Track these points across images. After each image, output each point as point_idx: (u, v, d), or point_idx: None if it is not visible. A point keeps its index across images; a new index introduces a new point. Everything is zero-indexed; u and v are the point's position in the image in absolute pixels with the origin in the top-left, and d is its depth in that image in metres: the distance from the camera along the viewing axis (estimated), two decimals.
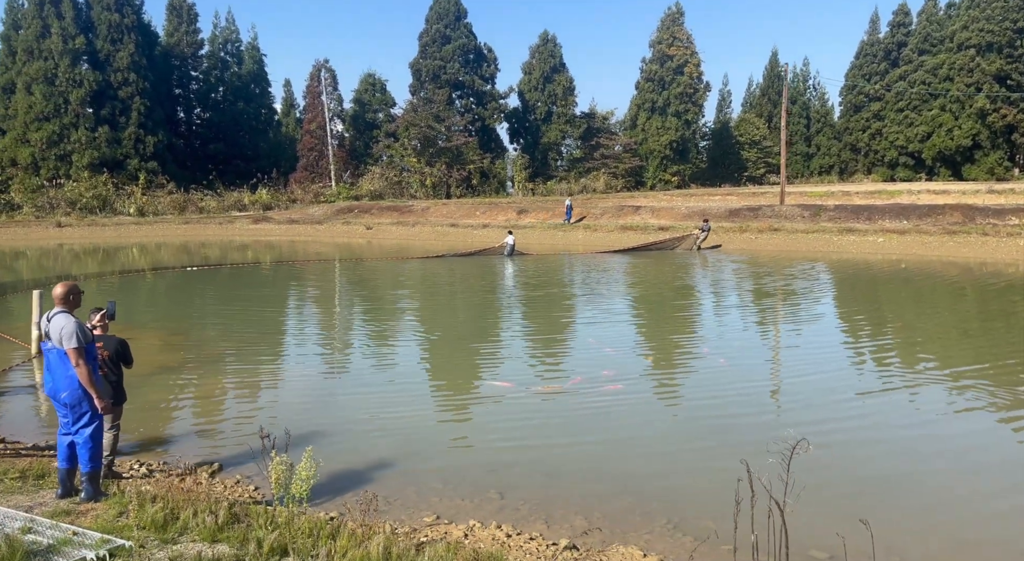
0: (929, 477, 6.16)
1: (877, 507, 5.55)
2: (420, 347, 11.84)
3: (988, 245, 22.49)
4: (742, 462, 3.29)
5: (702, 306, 15.91)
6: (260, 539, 3.94)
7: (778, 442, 3.80)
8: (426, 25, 52.26)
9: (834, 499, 5.70)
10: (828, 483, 5.99)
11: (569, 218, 35.14)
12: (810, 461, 6.51)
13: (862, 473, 6.25)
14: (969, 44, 46.85)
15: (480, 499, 5.86)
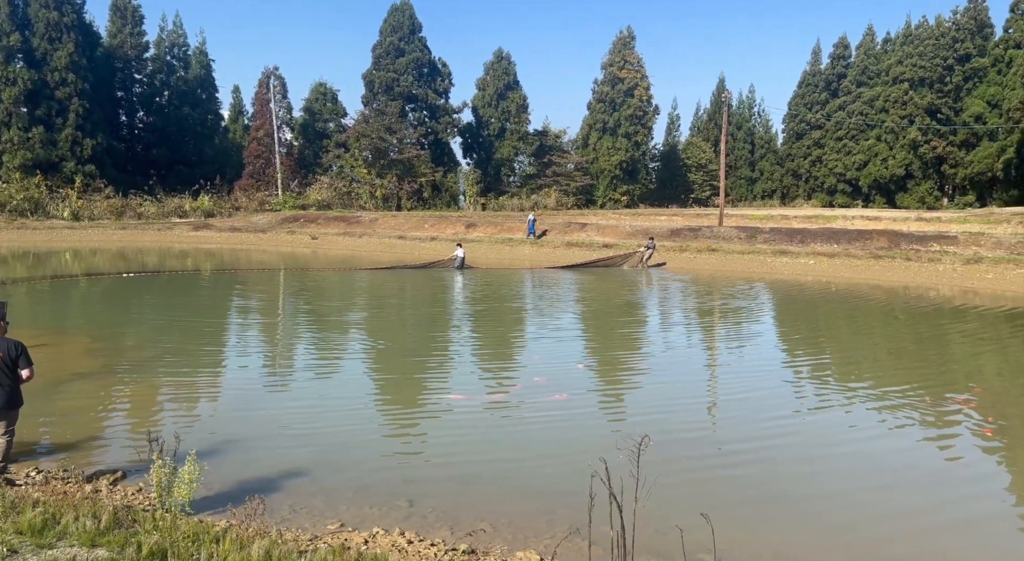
0: (854, 494, 6.31)
1: (785, 520, 5.75)
2: (362, 359, 11.72)
3: (911, 269, 23.54)
4: (601, 460, 3.39)
5: (646, 322, 16.18)
6: (140, 543, 3.85)
7: (627, 438, 3.92)
8: (380, 37, 52.25)
9: (742, 509, 5.87)
10: (744, 495, 6.17)
11: (532, 233, 35.29)
12: (730, 476, 6.74)
13: (784, 487, 6.45)
14: (903, 78, 49.16)
15: (388, 507, 5.85)
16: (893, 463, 6.98)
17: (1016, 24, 44.77)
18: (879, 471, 6.74)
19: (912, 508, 5.92)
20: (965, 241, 25.32)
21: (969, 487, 6.45)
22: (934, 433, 7.89)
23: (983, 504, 6.06)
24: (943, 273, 22.74)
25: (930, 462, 7.06)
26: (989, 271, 21.96)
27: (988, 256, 23.24)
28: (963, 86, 47.54)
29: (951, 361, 12.04)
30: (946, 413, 8.60)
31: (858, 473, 6.69)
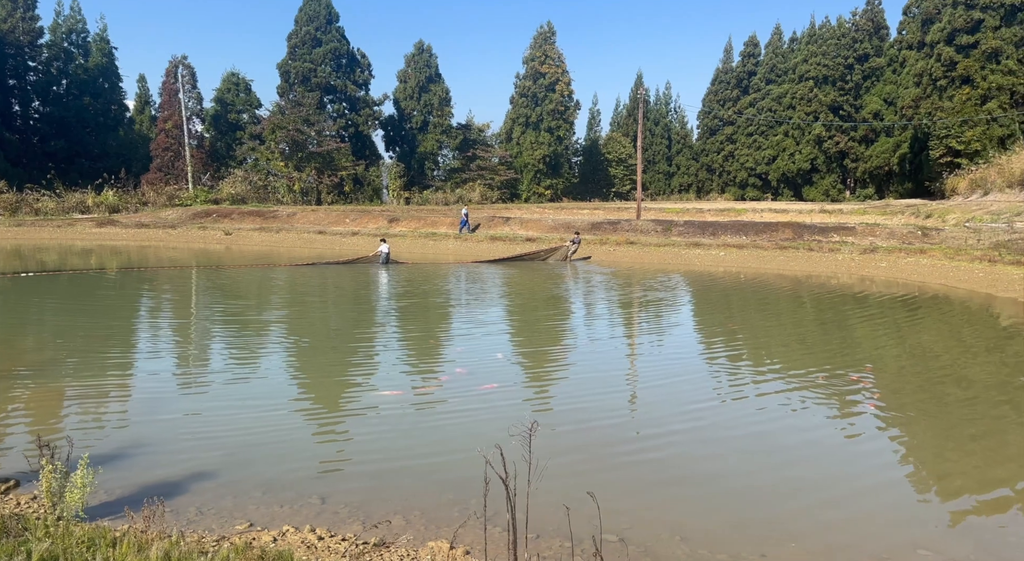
0: (756, 472, 6.64)
1: (695, 502, 6.04)
2: (283, 359, 11.38)
3: (813, 259, 24.89)
4: (497, 447, 3.51)
5: (571, 315, 16.43)
6: (30, 551, 3.72)
7: (517, 424, 4.09)
8: (295, 26, 50.86)
9: (653, 490, 6.13)
10: (656, 477, 6.43)
11: (466, 227, 35.16)
12: (645, 459, 6.99)
13: (691, 469, 6.74)
14: (808, 76, 51.67)
15: (300, 505, 5.81)
16: (792, 441, 7.39)
17: (908, 26, 47.73)
18: (779, 449, 7.14)
19: (806, 482, 6.29)
20: (862, 232, 26.98)
21: (862, 460, 6.90)
22: (831, 412, 8.38)
23: (873, 476, 6.49)
24: (842, 262, 24.15)
25: (826, 439, 7.49)
26: (883, 260, 23.48)
27: (882, 246, 24.85)
28: (862, 84, 50.45)
29: (851, 344, 12.82)
30: (843, 392, 9.14)
31: (760, 452, 7.05)
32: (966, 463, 6.81)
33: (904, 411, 8.61)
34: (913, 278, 21.35)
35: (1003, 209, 26.89)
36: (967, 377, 10.14)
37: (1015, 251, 21.18)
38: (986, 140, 36.88)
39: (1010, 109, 36.72)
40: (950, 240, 24.87)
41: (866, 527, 5.37)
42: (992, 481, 6.30)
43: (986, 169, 35.12)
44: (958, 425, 7.97)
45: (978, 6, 36.76)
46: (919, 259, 22.63)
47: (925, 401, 8.99)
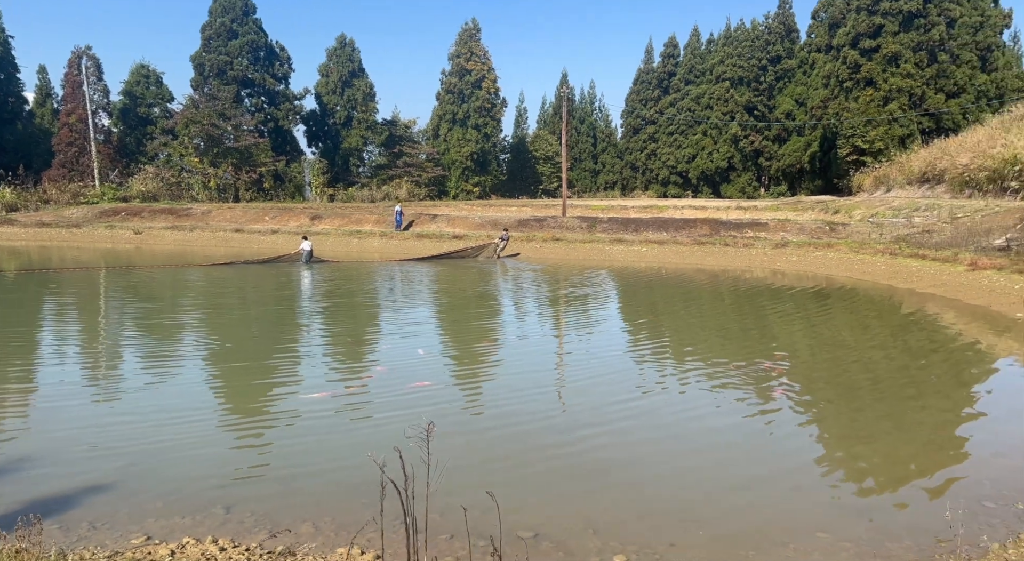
0: (671, 461, 6.78)
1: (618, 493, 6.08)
2: (199, 364, 10.79)
3: (728, 254, 25.76)
4: (396, 449, 3.43)
5: (501, 312, 16.36)
6: None
7: (415, 428, 4.04)
8: (210, 17, 48.85)
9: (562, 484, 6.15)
10: (576, 475, 6.44)
11: (400, 224, 34.51)
12: (568, 457, 6.99)
13: (611, 465, 6.78)
14: (724, 77, 53.36)
15: (203, 515, 5.55)
16: (706, 431, 7.56)
17: (816, 30, 49.94)
18: (693, 440, 7.30)
19: (716, 470, 6.44)
20: (774, 227, 28.10)
21: (771, 446, 7.14)
22: (745, 401, 8.59)
23: (781, 461, 6.72)
24: (755, 257, 25.09)
25: (738, 427, 7.65)
26: (793, 254, 24.53)
27: (793, 240, 25.95)
28: (775, 85, 52.48)
29: (765, 334, 13.30)
30: (757, 381, 9.42)
31: (674, 443, 7.20)
32: (870, 446, 7.13)
33: (814, 397, 8.98)
34: (821, 271, 22.37)
35: (903, 205, 28.51)
36: (873, 363, 10.68)
37: (913, 244, 22.49)
38: (888, 139, 39.02)
39: (909, 110, 38.98)
40: (855, 235, 26.20)
41: (771, 512, 5.55)
42: (892, 463, 6.62)
43: (888, 167, 37.17)
44: (864, 409, 8.36)
45: (879, 12, 38.83)
46: (827, 253, 23.74)
47: (834, 387, 9.42)
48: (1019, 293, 15.16)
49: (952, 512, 5.23)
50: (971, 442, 7.12)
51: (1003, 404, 8.63)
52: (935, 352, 11.45)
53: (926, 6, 38.08)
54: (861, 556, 4.70)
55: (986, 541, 4.76)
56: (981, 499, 5.54)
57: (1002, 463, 6.43)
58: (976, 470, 6.28)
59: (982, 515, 5.24)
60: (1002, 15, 39.69)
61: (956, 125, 37.73)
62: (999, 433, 7.38)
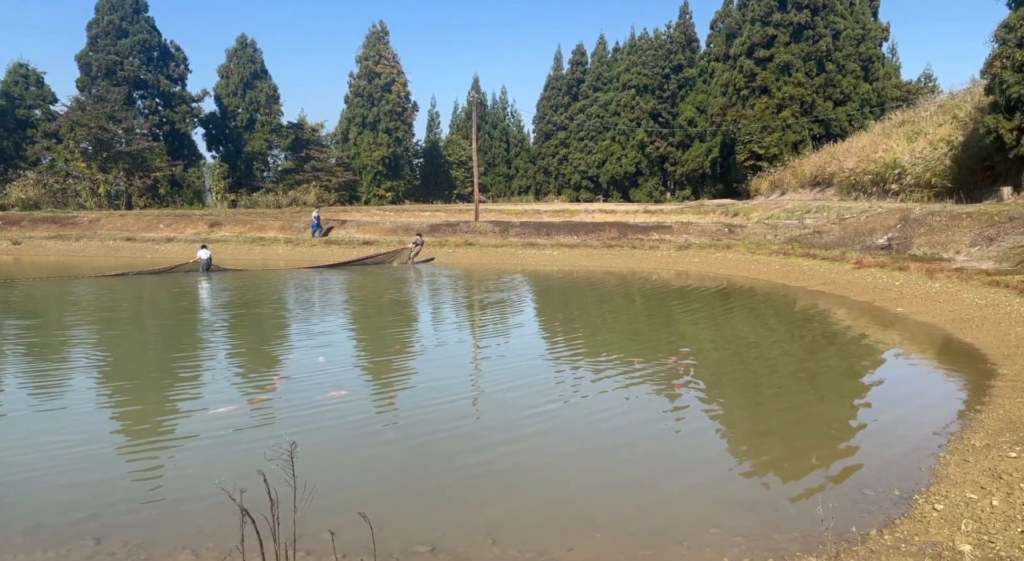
0: (568, 460, 6.75)
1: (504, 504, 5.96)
2: (84, 383, 9.84)
3: (636, 256, 26.42)
4: (259, 472, 3.20)
5: (416, 319, 16.00)
6: None
7: (275, 448, 3.83)
8: (96, 15, 46.01)
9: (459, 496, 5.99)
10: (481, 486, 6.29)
11: (318, 231, 33.25)
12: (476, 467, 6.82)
13: (516, 474, 6.67)
14: (630, 85, 54.87)
15: (68, 549, 5.06)
16: (610, 432, 7.55)
17: (715, 40, 52.17)
18: (596, 442, 7.27)
19: (616, 472, 6.45)
20: (678, 230, 29.04)
21: (671, 444, 7.22)
22: (650, 401, 8.68)
23: (680, 459, 6.81)
24: (661, 258, 25.83)
25: (642, 427, 7.71)
26: (695, 255, 25.41)
27: (695, 242, 26.89)
28: (678, 93, 54.40)
29: (672, 333, 13.63)
30: (664, 380, 9.56)
31: (578, 447, 7.15)
32: (767, 439, 7.35)
33: (718, 394, 9.22)
34: (722, 271, 23.25)
35: (796, 207, 30.08)
36: (772, 359, 11.10)
37: (805, 244, 23.72)
38: (782, 145, 41.14)
39: (800, 117, 41.23)
40: (752, 236, 27.41)
41: (669, 510, 5.59)
42: (787, 455, 6.83)
43: (783, 171, 39.19)
44: (763, 403, 8.64)
45: (772, 23, 40.90)
46: (726, 254, 24.72)
47: (736, 383, 9.71)
48: (899, 289, 16.20)
49: (837, 501, 5.43)
50: (860, 432, 7.45)
51: (889, 394, 9.12)
52: (828, 346, 12.02)
53: (814, 18, 40.40)
54: (751, 549, 4.78)
55: (865, 528, 4.95)
56: (863, 487, 5.78)
57: (886, 451, 6.75)
58: (862, 459, 6.56)
59: (862, 503, 5.46)
60: (880, 28, 42.64)
61: (843, 131, 40.21)
62: (885, 422, 7.76)
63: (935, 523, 4.91)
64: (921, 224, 20.78)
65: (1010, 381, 8.74)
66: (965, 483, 5.56)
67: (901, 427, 7.58)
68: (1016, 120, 22.06)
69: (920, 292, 15.45)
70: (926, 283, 15.92)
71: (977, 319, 12.52)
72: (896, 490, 5.66)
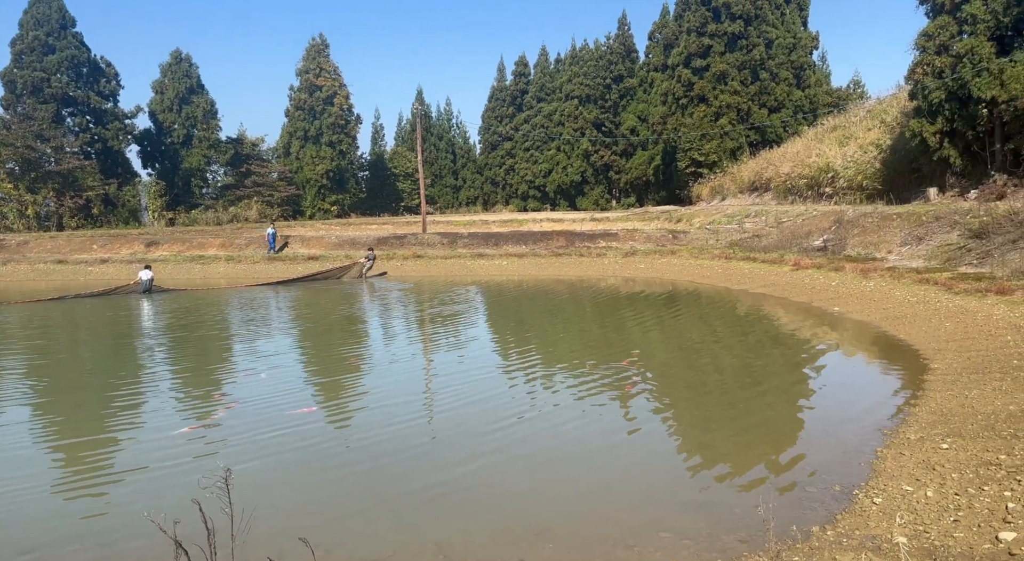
0: (529, 474, 6.72)
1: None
2: (13, 417, 9.36)
3: (583, 264, 26.73)
4: (195, 501, 3.10)
5: (368, 336, 15.70)
6: None
7: (209, 475, 3.73)
8: (21, 31, 44.31)
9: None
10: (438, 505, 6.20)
11: (273, 247, 32.39)
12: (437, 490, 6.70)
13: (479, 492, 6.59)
14: (573, 95, 55.60)
15: None
16: (560, 440, 7.54)
17: (654, 50, 53.31)
18: (546, 451, 7.27)
19: (568, 479, 6.46)
20: (624, 237, 29.49)
21: (620, 449, 7.24)
22: (601, 407, 8.72)
23: (629, 464, 6.85)
24: (608, 265, 26.17)
25: (592, 434, 7.73)
26: (641, 261, 25.84)
27: (641, 249, 27.35)
28: (619, 102, 55.36)
29: (621, 338, 13.72)
30: (613, 386, 9.62)
31: (527, 457, 7.12)
32: (715, 441, 7.46)
33: (668, 398, 9.35)
34: (667, 276, 23.68)
35: (736, 212, 30.90)
36: (718, 360, 11.31)
37: (745, 248, 24.37)
38: (721, 152, 42.25)
39: (737, 124, 42.44)
40: (695, 241, 28.03)
41: (619, 516, 5.62)
42: (734, 456, 6.93)
43: (722, 177, 40.23)
44: (710, 405, 8.79)
45: (707, 33, 42.06)
46: (671, 259, 25.21)
47: (685, 386, 9.87)
48: (835, 289, 16.77)
49: (781, 499, 5.55)
50: (803, 430, 7.65)
51: (829, 392, 9.40)
52: (770, 347, 12.34)
53: (747, 28, 41.72)
54: (699, 552, 4.84)
55: (808, 525, 5.08)
56: (806, 485, 5.93)
57: (827, 448, 6.94)
58: (805, 456, 6.73)
59: (805, 500, 5.60)
60: (810, 37, 44.27)
61: (779, 137, 41.54)
62: (826, 419, 7.99)
63: (874, 517, 5.06)
64: (854, 225, 21.58)
65: (940, 374, 9.12)
66: (901, 476, 5.75)
67: (841, 424, 7.81)
68: (938, 124, 23.17)
69: (855, 291, 16.03)
70: (861, 282, 16.52)
71: (909, 316, 13.04)
72: (837, 486, 5.82)
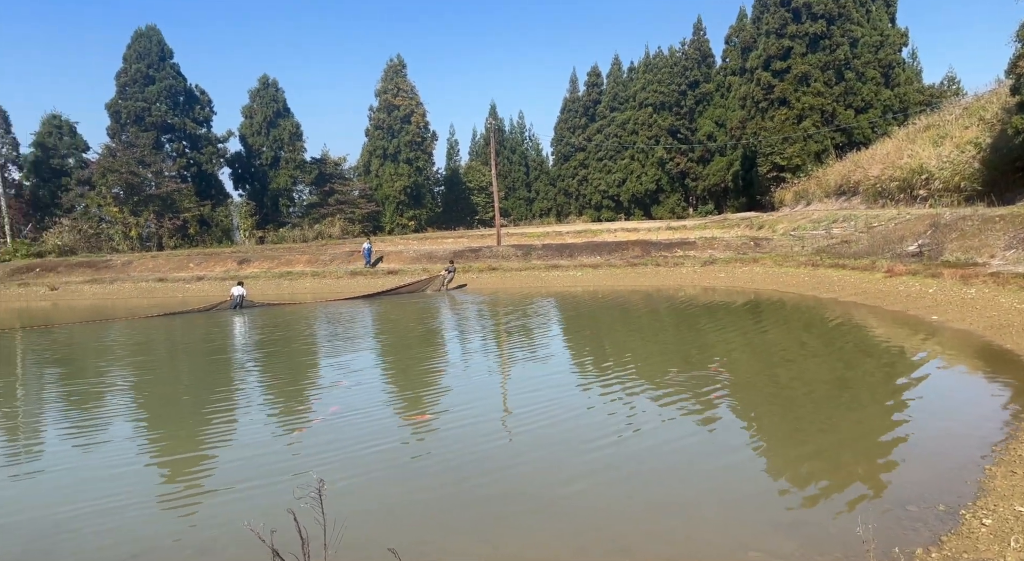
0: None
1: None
2: (120, 428, 9.80)
3: (660, 273, 26.23)
4: (289, 511, 3.19)
5: (449, 352, 15.42)
6: None
7: (303, 486, 3.81)
8: (124, 64, 47.57)
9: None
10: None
11: (369, 261, 33.56)
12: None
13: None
14: (647, 103, 54.97)
15: None
16: (642, 452, 7.41)
17: (731, 54, 52.21)
18: (629, 463, 7.13)
19: (648, 493, 6.32)
20: (702, 245, 28.81)
21: (705, 462, 7.03)
22: (684, 419, 8.53)
23: (714, 478, 6.63)
24: (686, 275, 25.61)
25: (674, 446, 7.54)
26: (721, 270, 25.15)
27: (720, 257, 26.63)
28: (695, 109, 54.33)
29: (703, 350, 13.38)
30: (696, 398, 9.38)
31: (609, 469, 7.01)
32: (805, 456, 7.16)
33: (752, 411, 9.03)
34: (749, 285, 22.94)
35: (823, 217, 29.69)
36: (807, 372, 10.87)
37: (833, 255, 23.35)
38: (805, 155, 40.77)
39: (822, 127, 40.87)
40: (779, 248, 27.07)
41: (703, 534, 5.45)
42: (826, 472, 6.63)
43: (807, 182, 38.80)
44: (800, 419, 8.43)
45: (787, 35, 40.80)
46: (753, 267, 24.42)
47: (771, 399, 9.50)
48: (933, 297, 15.83)
49: (879, 519, 5.25)
50: (901, 446, 7.24)
51: (929, 406, 8.85)
52: (863, 358, 11.75)
53: (830, 28, 40.23)
54: None
55: (911, 546, 4.78)
56: (906, 503, 5.60)
57: (929, 465, 6.54)
58: (904, 474, 6.37)
59: (906, 520, 5.28)
60: (899, 34, 42.28)
61: (866, 139, 39.74)
62: (927, 435, 7.54)
63: (984, 539, 4.72)
64: (952, 229, 20.35)
65: None
66: (1013, 496, 5.35)
67: (944, 439, 7.35)
68: None
69: (955, 299, 15.08)
70: (961, 289, 15.54)
71: (1017, 324, 12.16)
72: (941, 505, 5.47)
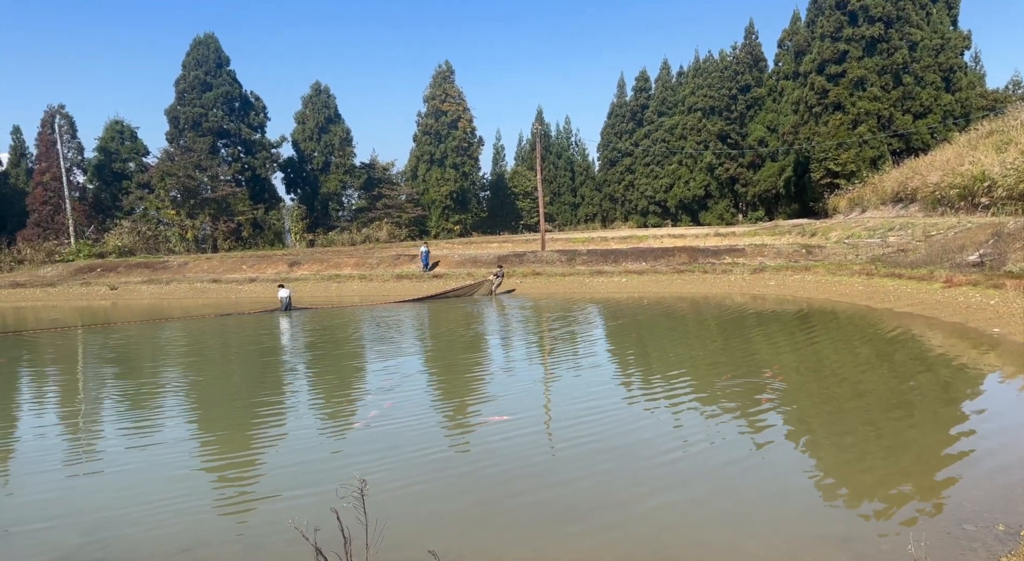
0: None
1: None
2: (177, 426, 10.24)
3: (707, 281, 25.80)
4: (333, 510, 3.25)
5: (494, 359, 15.30)
6: None
7: (346, 486, 3.86)
8: (183, 71, 49.26)
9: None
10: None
11: (426, 264, 34.00)
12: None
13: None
14: (696, 107, 54.28)
15: None
16: (691, 459, 7.35)
17: (783, 58, 51.19)
18: (676, 470, 7.06)
19: (699, 503, 6.25)
20: (751, 252, 28.24)
21: (754, 475, 6.90)
22: (734, 429, 8.41)
23: (764, 490, 6.51)
24: (734, 282, 25.13)
25: (726, 458, 7.45)
26: (771, 278, 24.60)
27: (770, 265, 26.06)
28: (746, 113, 53.39)
29: (753, 359, 13.11)
30: (746, 409, 9.25)
31: (657, 477, 6.95)
32: (857, 470, 6.98)
33: (803, 423, 8.84)
34: (800, 294, 22.40)
35: (878, 225, 28.81)
36: (860, 385, 10.57)
37: (889, 264, 22.62)
38: (860, 161, 39.64)
39: (878, 132, 39.72)
40: (832, 256, 26.36)
41: (751, 547, 5.36)
42: (879, 487, 6.45)
43: (862, 188, 37.70)
44: (852, 432, 8.21)
45: (843, 38, 39.80)
46: (804, 276, 23.83)
47: (823, 411, 9.29)
48: (994, 308, 15.20)
49: (934, 537, 5.08)
50: (958, 462, 7.00)
51: (988, 421, 8.52)
52: (920, 372, 11.37)
53: (888, 31, 39.10)
54: None
55: None
56: (962, 522, 5.40)
57: (987, 483, 6.30)
58: (961, 491, 6.15)
59: (963, 539, 5.10)
60: (961, 37, 40.80)
61: (925, 145, 38.43)
62: (985, 451, 7.27)
63: None
64: (1016, 238, 19.51)
65: None
66: None
67: (1004, 456, 7.07)
68: None
69: (1018, 311, 14.45)
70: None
71: None
72: (1001, 525, 5.26)
